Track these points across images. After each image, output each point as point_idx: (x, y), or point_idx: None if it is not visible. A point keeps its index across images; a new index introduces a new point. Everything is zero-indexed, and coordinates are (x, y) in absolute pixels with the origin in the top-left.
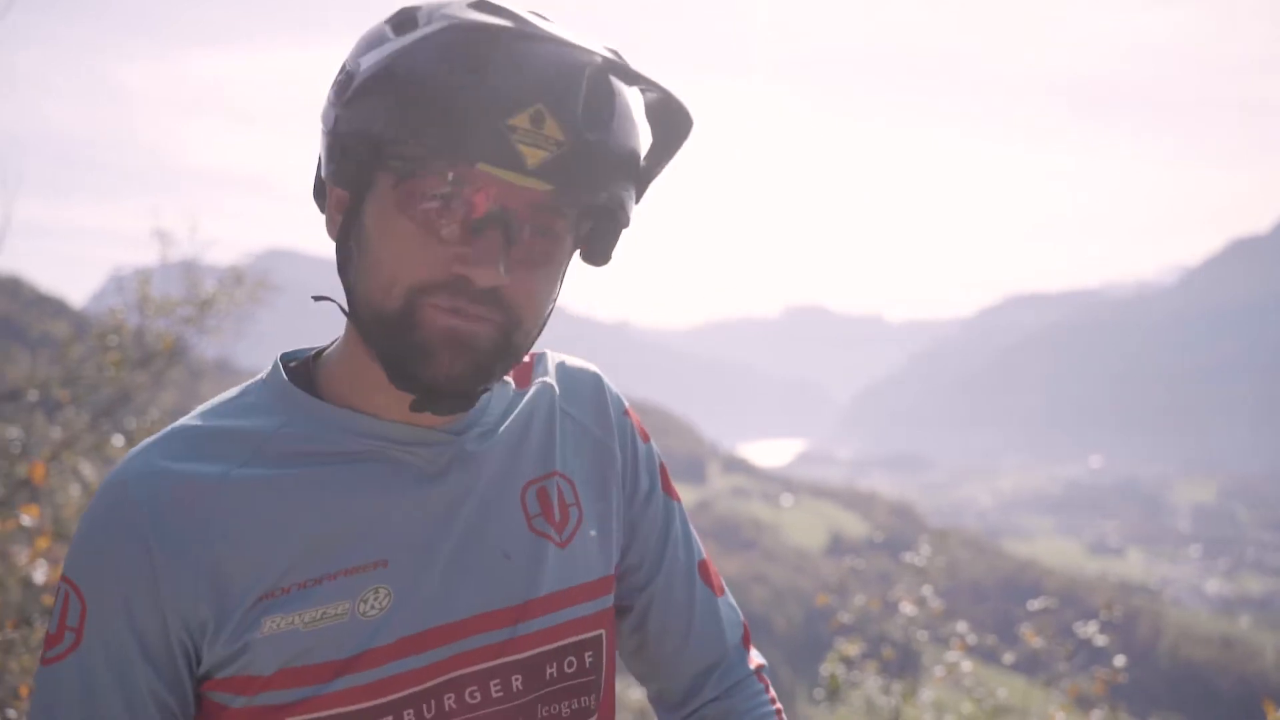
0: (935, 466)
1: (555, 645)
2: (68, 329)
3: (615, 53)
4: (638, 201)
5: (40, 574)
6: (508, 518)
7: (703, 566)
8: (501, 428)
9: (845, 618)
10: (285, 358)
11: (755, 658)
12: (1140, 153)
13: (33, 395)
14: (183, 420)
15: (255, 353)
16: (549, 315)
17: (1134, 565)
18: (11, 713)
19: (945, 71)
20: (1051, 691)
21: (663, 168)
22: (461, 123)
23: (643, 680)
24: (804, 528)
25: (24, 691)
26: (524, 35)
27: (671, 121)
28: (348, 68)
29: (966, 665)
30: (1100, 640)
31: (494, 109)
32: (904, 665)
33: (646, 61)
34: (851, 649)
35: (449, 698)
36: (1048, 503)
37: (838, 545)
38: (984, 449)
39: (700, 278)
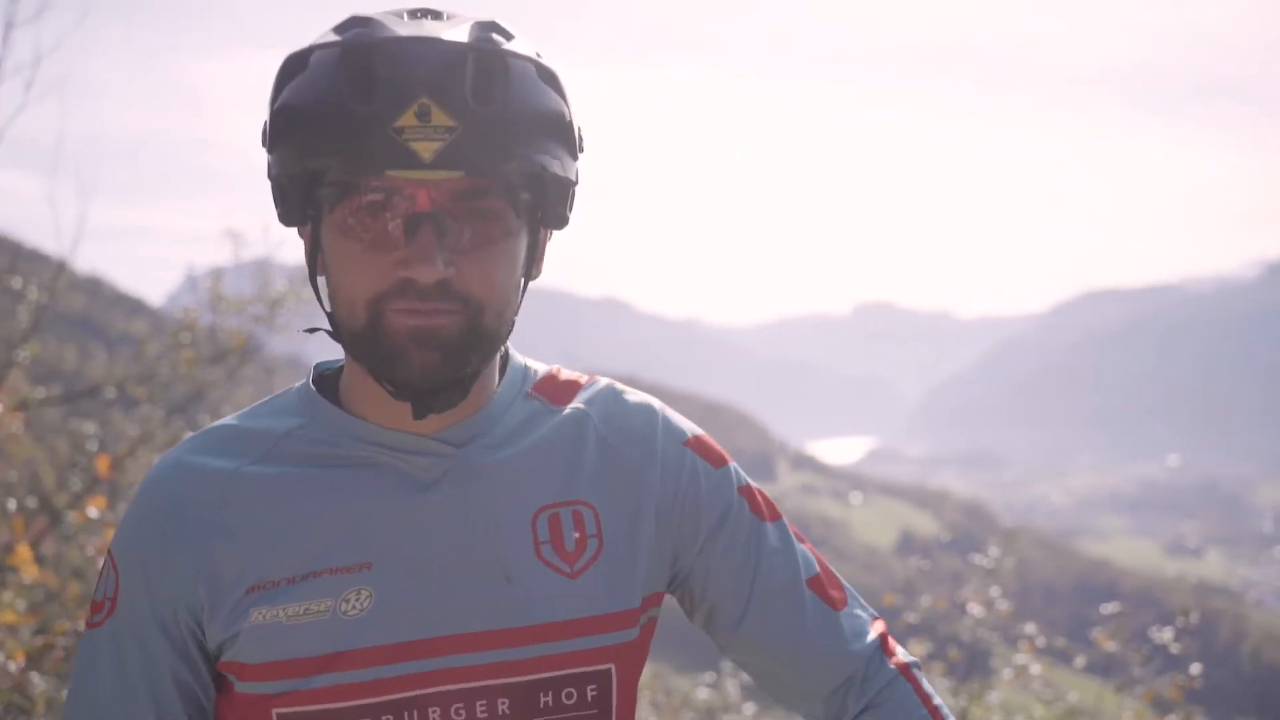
0: (1007, 465)
1: (552, 675)
2: (144, 328)
3: (494, 29)
4: (575, 157)
5: None
6: (515, 540)
7: (815, 582)
8: (519, 445)
9: (911, 618)
10: (320, 367)
11: (900, 656)
12: (1223, 144)
13: (110, 392)
14: (223, 419)
15: (325, 352)
16: (519, 292)
17: (1214, 567)
18: None
19: (1021, 63)
20: (1124, 697)
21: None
22: (356, 137)
23: (793, 710)
24: (874, 526)
25: None
26: (397, 40)
27: (548, 76)
28: (265, 118)
29: (1036, 668)
30: (1175, 648)
31: (380, 116)
32: (972, 667)
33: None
34: (918, 650)
35: (433, 711)
36: (1123, 502)
37: (908, 544)
38: (1057, 447)
39: (770, 274)
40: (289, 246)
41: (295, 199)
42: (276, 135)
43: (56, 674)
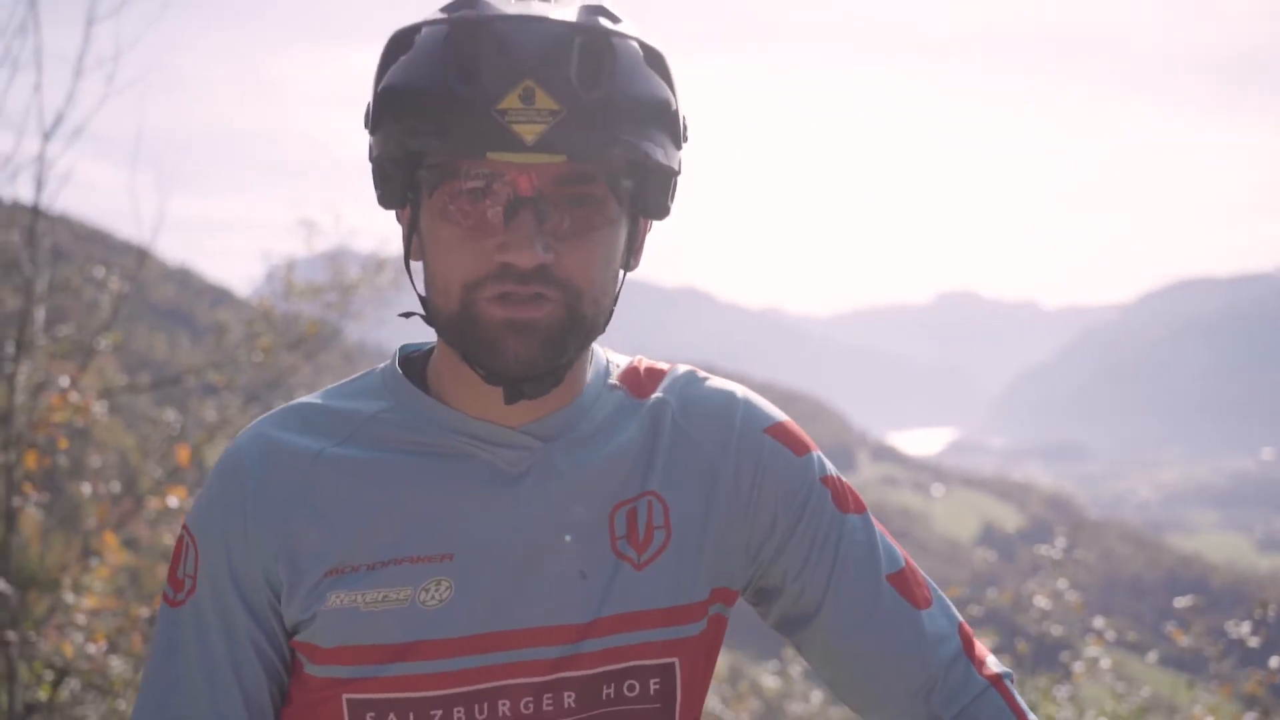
0: (1092, 457)
1: (615, 667)
2: (230, 317)
3: (602, 12)
4: (679, 146)
5: None
6: (594, 537)
7: (898, 578)
8: (602, 441)
9: (976, 610)
10: (406, 349)
11: (991, 666)
12: None
13: (191, 380)
14: (307, 396)
15: (402, 337)
16: (617, 282)
17: None
18: None
19: (1105, 48)
20: (1199, 692)
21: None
22: (458, 118)
23: (869, 714)
24: (955, 518)
25: None
26: (504, 19)
27: (656, 63)
28: (369, 99)
29: (1106, 661)
30: (1253, 641)
31: (484, 97)
32: (1040, 660)
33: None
34: (986, 642)
35: (503, 704)
36: (1214, 496)
37: (990, 536)
38: (1144, 440)
39: (850, 263)
40: (362, 236)
41: (396, 181)
42: (379, 115)
43: (135, 656)
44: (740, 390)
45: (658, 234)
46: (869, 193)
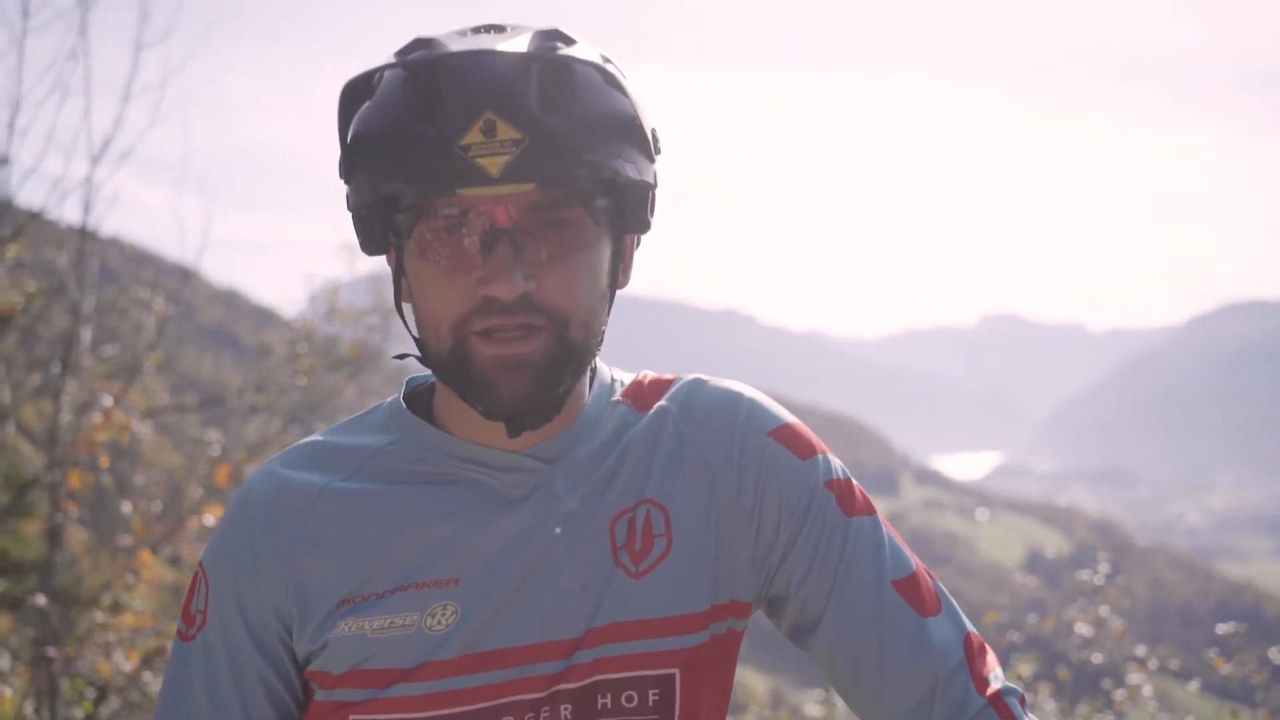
0: (1140, 482)
1: (612, 677)
2: (275, 339)
3: (556, 36)
4: (652, 159)
5: None
6: (594, 549)
7: (907, 584)
8: (604, 460)
9: (1014, 636)
10: (412, 382)
11: (994, 683)
12: None
13: (234, 400)
14: (316, 434)
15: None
16: (606, 302)
17: None
18: None
19: (1153, 64)
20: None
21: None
22: (424, 159)
23: None
24: (1001, 543)
25: None
26: (458, 56)
27: (614, 80)
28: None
29: (1148, 689)
30: None
31: (446, 135)
32: (1082, 688)
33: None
34: (1025, 668)
35: None
36: (1266, 522)
37: (1035, 562)
38: (1194, 465)
39: (894, 286)
40: None
41: (375, 227)
42: (350, 164)
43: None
44: (746, 392)
45: (701, 256)
46: (911, 214)
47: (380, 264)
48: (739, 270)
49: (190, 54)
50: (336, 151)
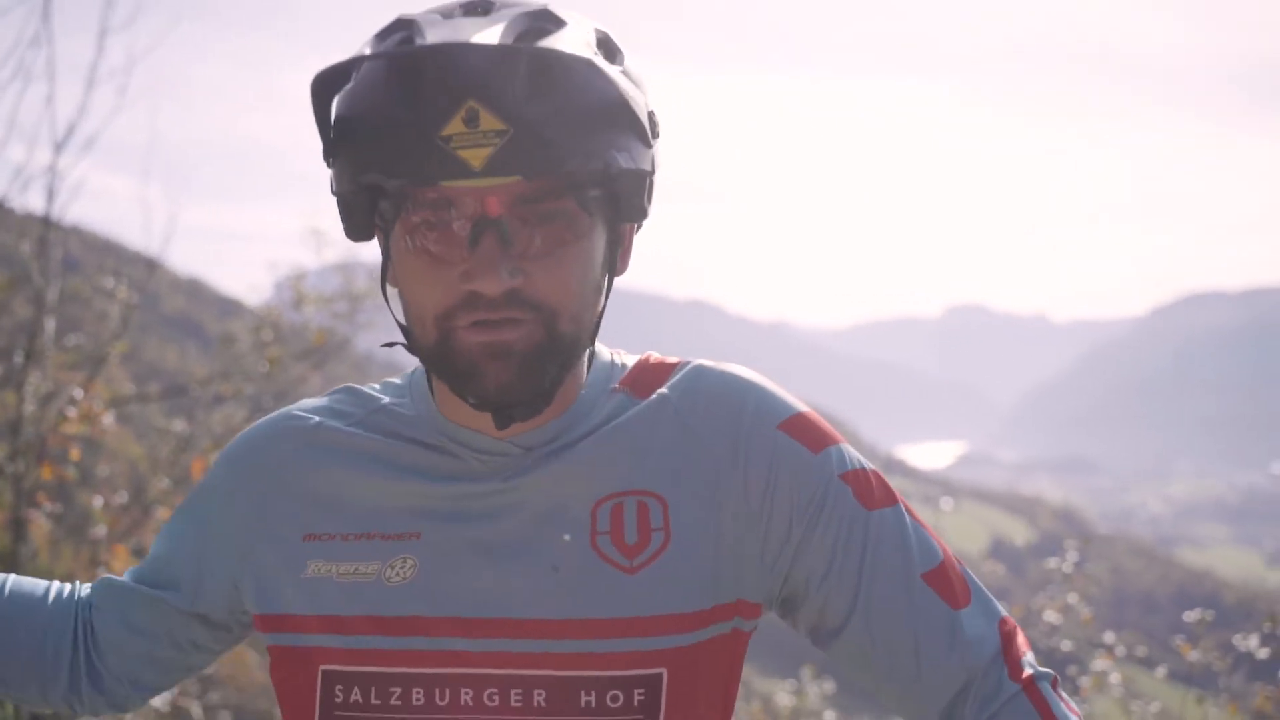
0: (1102, 471)
1: (596, 674)
2: (240, 328)
3: (546, 18)
4: (649, 144)
5: None
6: (570, 529)
7: (936, 574)
8: (591, 445)
9: None
10: None
11: (1027, 667)
12: None
13: (199, 390)
14: (364, 384)
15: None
16: (600, 292)
17: None
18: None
19: (1119, 59)
20: (1209, 706)
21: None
22: (405, 148)
23: (909, 719)
24: (965, 531)
25: None
26: (445, 43)
27: (611, 59)
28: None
29: (1115, 676)
30: (1262, 653)
31: (427, 124)
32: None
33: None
34: None
35: (466, 692)
36: (1226, 511)
37: (999, 550)
38: (1155, 454)
39: (859, 276)
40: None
41: (359, 214)
42: (335, 147)
43: None
44: (753, 380)
45: (667, 246)
46: (876, 205)
47: (348, 251)
48: (705, 260)
49: (156, 40)
50: (304, 142)
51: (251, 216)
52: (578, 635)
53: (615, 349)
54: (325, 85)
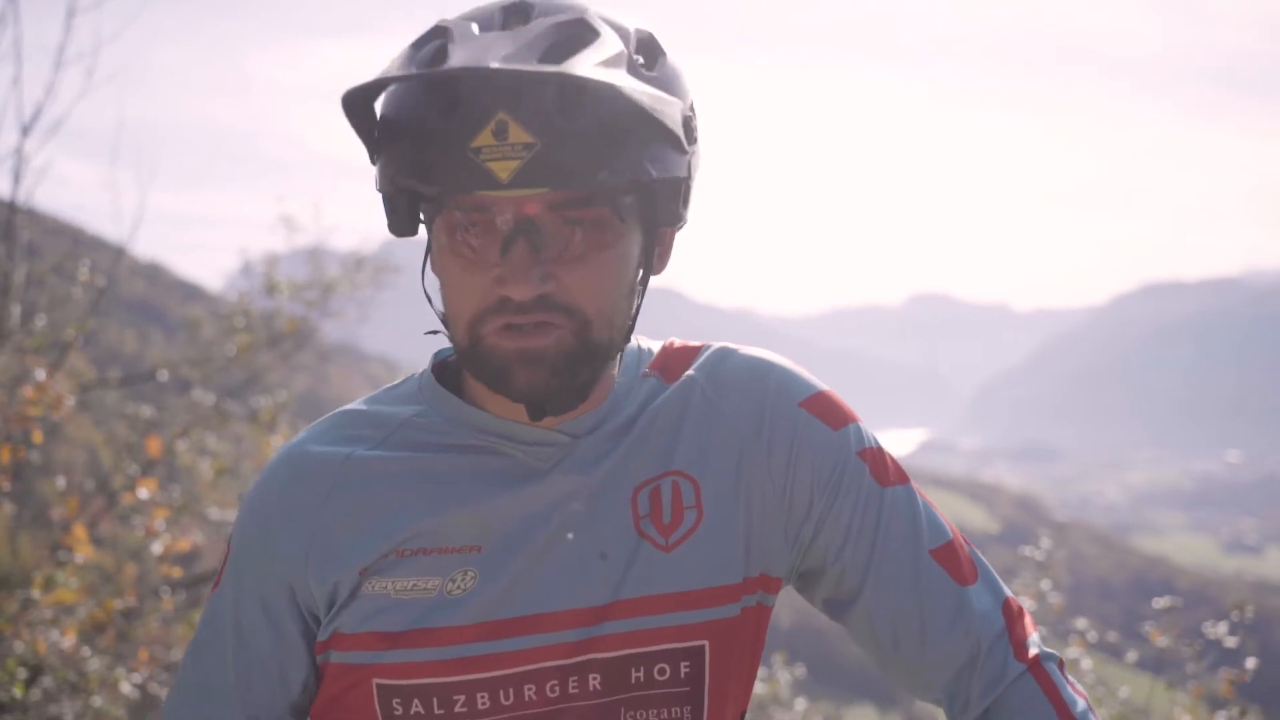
0: (1061, 459)
1: (643, 650)
2: (202, 313)
3: (583, 26)
4: (685, 150)
5: (158, 546)
6: (615, 517)
7: (944, 552)
8: (631, 431)
9: None
10: (441, 354)
11: (1032, 647)
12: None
13: (164, 375)
14: (354, 403)
15: (378, 336)
16: (634, 295)
17: (1273, 564)
18: (135, 676)
19: (1087, 53)
20: (1177, 692)
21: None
22: (439, 157)
23: (915, 694)
24: None
25: (144, 655)
26: (469, 68)
27: (650, 58)
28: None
29: (1086, 663)
30: (1230, 641)
31: (458, 134)
32: None
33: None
34: None
35: (529, 688)
36: (1181, 498)
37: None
38: (1113, 442)
39: (823, 264)
40: (341, 233)
41: (401, 212)
42: (375, 149)
43: (111, 652)
44: (775, 361)
45: None
46: (841, 193)
47: (318, 237)
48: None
49: (125, 22)
50: (271, 127)
51: (211, 200)
52: (626, 615)
53: (637, 334)
54: (357, 98)
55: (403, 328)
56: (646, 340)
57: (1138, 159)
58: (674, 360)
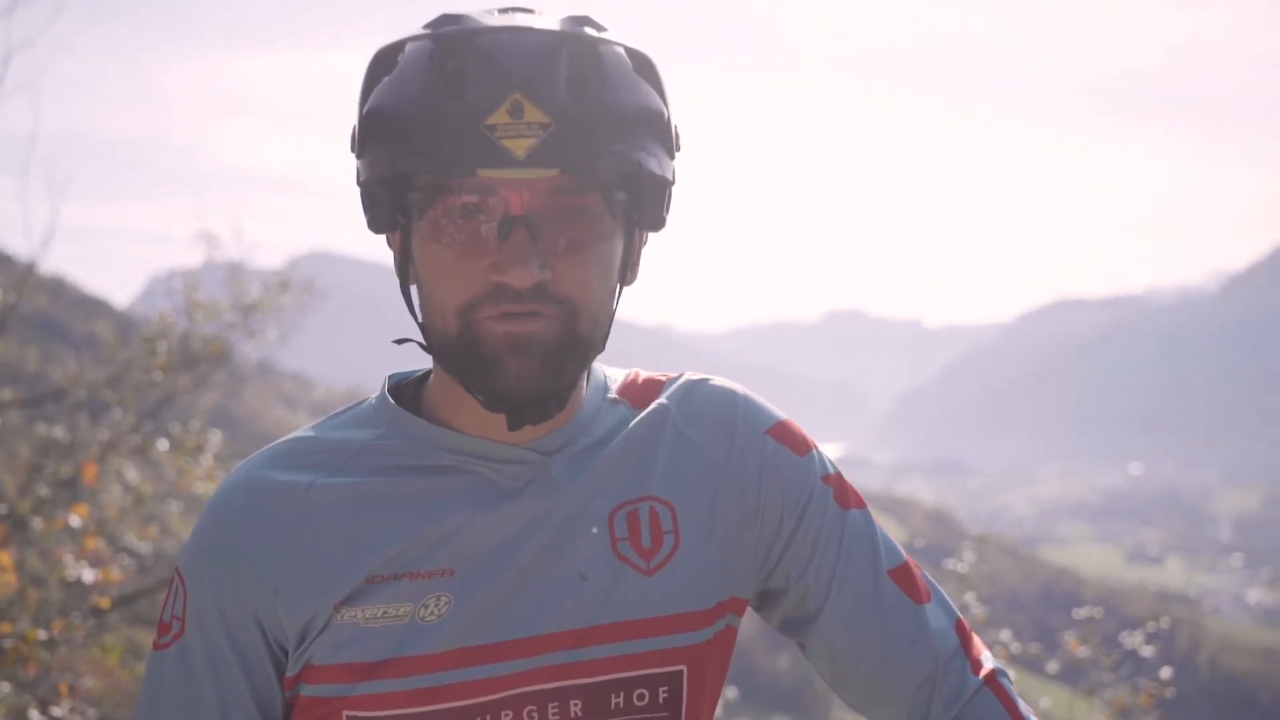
0: (973, 472)
1: (623, 675)
2: (113, 331)
3: (587, 23)
4: (672, 156)
5: (89, 574)
6: (591, 539)
7: (900, 573)
8: (604, 449)
9: None
10: (395, 378)
11: (986, 663)
12: (1193, 155)
13: (78, 396)
14: (299, 430)
15: (299, 357)
16: (615, 298)
17: (1173, 574)
18: (56, 710)
19: (992, 71)
20: (1094, 701)
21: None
22: (447, 136)
23: (871, 713)
24: None
25: (64, 689)
26: (490, 31)
27: (646, 71)
28: (354, 122)
29: (1011, 674)
30: (1146, 651)
31: (472, 113)
32: None
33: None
34: None
35: (506, 714)
36: (1086, 510)
37: None
38: (1022, 456)
39: (740, 281)
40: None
41: (385, 205)
42: (366, 138)
43: (11, 678)
44: (740, 391)
45: None
46: (755, 210)
47: (239, 254)
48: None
49: (36, 31)
50: (175, 140)
51: (116, 213)
52: (607, 640)
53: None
54: (376, 68)
55: (316, 347)
56: (608, 368)
57: (1046, 178)
58: (642, 390)
